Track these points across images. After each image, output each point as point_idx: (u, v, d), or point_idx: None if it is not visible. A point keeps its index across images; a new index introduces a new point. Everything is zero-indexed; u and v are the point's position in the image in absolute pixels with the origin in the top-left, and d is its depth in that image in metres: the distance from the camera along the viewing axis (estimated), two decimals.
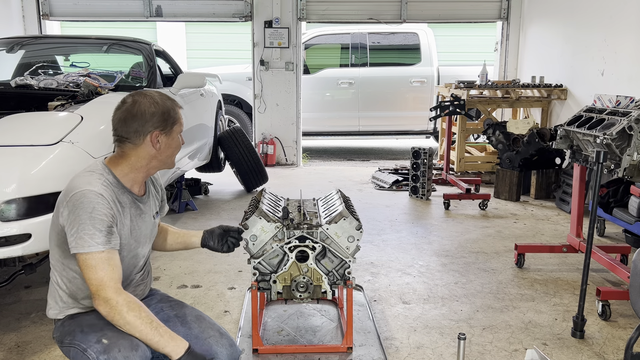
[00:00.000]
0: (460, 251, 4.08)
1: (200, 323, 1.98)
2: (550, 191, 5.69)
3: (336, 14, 7.49)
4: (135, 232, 1.91)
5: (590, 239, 2.78)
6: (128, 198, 1.88)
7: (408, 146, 6.47)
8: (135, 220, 1.90)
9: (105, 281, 1.71)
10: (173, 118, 1.88)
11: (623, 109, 3.17)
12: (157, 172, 2.00)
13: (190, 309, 2.06)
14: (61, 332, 1.87)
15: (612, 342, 2.74)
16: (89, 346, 1.71)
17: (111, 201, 1.79)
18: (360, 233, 2.48)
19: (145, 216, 1.96)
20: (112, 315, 1.70)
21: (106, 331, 1.73)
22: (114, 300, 1.70)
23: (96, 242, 1.71)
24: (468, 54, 10.84)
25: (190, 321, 1.98)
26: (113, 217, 1.77)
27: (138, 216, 1.92)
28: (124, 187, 1.87)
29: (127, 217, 1.86)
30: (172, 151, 1.92)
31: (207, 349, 1.91)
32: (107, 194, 1.78)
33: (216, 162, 5.97)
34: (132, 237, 1.89)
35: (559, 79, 6.39)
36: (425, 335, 2.80)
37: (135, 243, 1.92)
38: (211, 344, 1.93)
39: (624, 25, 5.11)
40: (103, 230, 1.73)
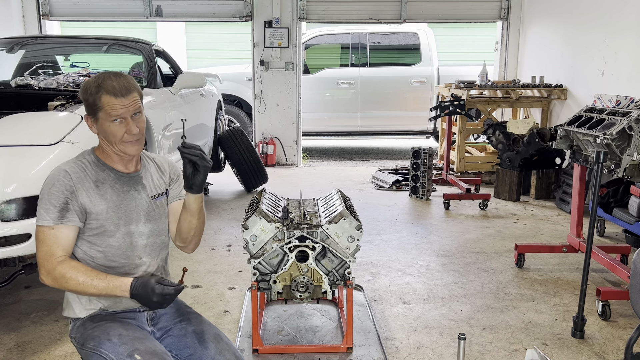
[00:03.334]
0: (460, 251, 4.08)
1: (218, 344, 1.92)
2: (550, 191, 5.69)
3: (336, 14, 7.49)
4: (122, 208, 1.91)
5: (590, 239, 2.78)
6: (110, 175, 1.90)
7: (408, 146, 6.47)
8: (121, 196, 1.91)
9: (49, 254, 1.79)
10: (94, 106, 1.82)
11: (623, 109, 3.17)
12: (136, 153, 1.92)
13: (208, 325, 1.99)
14: (82, 334, 1.86)
15: (612, 342, 2.74)
16: (120, 359, 1.73)
17: (77, 178, 1.83)
18: (360, 233, 2.48)
19: (136, 193, 1.95)
20: (56, 281, 1.79)
21: (138, 345, 1.75)
22: (57, 269, 1.78)
23: (49, 217, 1.78)
24: (468, 54, 10.84)
25: (208, 339, 1.93)
26: (73, 193, 1.81)
27: (125, 192, 1.92)
28: (104, 164, 1.91)
29: (106, 192, 1.88)
30: (111, 137, 1.84)
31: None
32: (74, 171, 1.84)
33: (216, 162, 5.97)
34: (118, 212, 1.89)
35: (559, 79, 6.40)
36: (425, 335, 2.80)
37: (125, 218, 1.91)
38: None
39: (624, 25, 5.11)
40: (57, 206, 1.79)
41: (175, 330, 1.95)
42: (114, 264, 1.90)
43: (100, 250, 1.89)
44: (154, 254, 2.01)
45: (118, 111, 1.81)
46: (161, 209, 2.04)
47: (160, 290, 1.75)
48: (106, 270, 1.87)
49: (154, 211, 2.00)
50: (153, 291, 1.74)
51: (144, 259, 1.97)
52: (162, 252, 2.06)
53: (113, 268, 1.89)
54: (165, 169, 2.10)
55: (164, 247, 2.07)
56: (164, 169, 2.09)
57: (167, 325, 1.99)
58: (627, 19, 5.05)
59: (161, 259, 2.05)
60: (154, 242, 2.00)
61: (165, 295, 1.75)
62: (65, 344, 2.67)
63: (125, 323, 1.88)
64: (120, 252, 1.91)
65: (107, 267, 1.89)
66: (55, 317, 2.95)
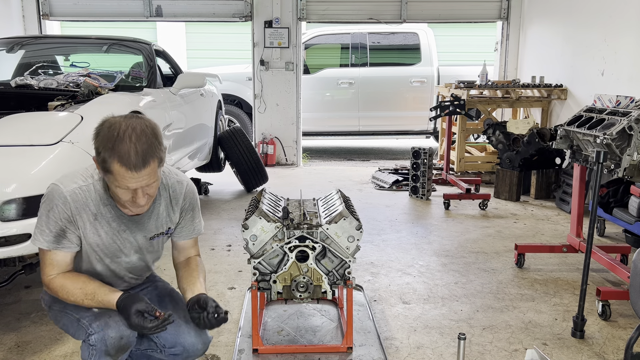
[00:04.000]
0: (460, 251, 4.08)
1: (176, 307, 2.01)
2: (550, 191, 5.69)
3: (336, 14, 7.49)
4: (112, 247, 1.89)
5: (590, 239, 2.78)
6: (110, 212, 1.83)
7: (408, 146, 6.47)
8: (118, 234, 1.87)
9: (47, 274, 1.82)
10: (104, 163, 1.67)
11: (623, 109, 3.17)
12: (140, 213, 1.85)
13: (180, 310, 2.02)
14: (51, 297, 1.92)
15: (612, 342, 2.74)
16: (82, 316, 1.81)
17: (77, 207, 1.78)
18: (360, 233, 2.48)
19: (132, 236, 1.90)
20: (51, 292, 1.83)
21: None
22: (51, 285, 1.82)
23: (44, 239, 1.79)
24: (468, 54, 10.84)
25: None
26: (71, 221, 1.78)
27: (120, 232, 1.87)
28: (108, 199, 1.82)
29: (102, 227, 1.84)
30: (114, 196, 1.77)
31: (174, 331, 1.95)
32: (75, 199, 1.77)
33: (216, 162, 5.97)
34: (105, 250, 1.88)
35: (559, 79, 6.40)
36: (425, 335, 2.80)
37: (112, 256, 1.91)
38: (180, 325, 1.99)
39: (624, 25, 5.11)
40: (53, 231, 1.78)
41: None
42: (101, 276, 1.95)
43: (84, 266, 1.92)
44: (137, 272, 2.05)
45: (129, 183, 1.68)
46: (156, 246, 2.02)
47: (137, 322, 1.72)
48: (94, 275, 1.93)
49: (147, 248, 1.98)
50: (128, 318, 1.73)
51: (126, 277, 2.02)
52: (149, 269, 2.12)
53: (101, 278, 1.94)
54: (178, 201, 1.97)
55: (152, 263, 2.10)
56: (177, 202, 1.97)
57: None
58: (627, 19, 5.05)
59: (149, 267, 2.10)
60: (140, 264, 2.01)
61: (142, 327, 1.72)
62: (66, 344, 2.67)
63: None
64: (104, 274, 1.95)
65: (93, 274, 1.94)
66: None
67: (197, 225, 2.08)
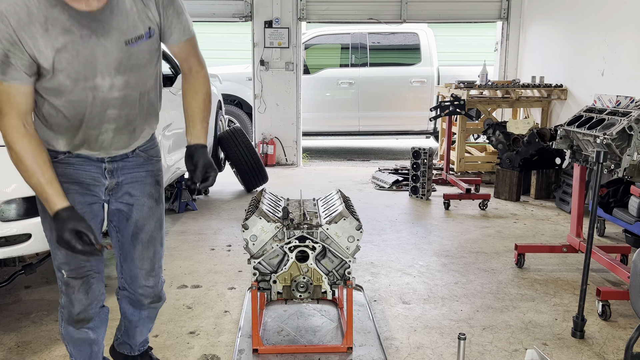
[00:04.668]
0: (460, 251, 4.08)
1: (146, 249, 1.98)
2: (550, 191, 5.69)
3: (336, 14, 7.49)
4: (80, 59, 1.57)
5: (590, 239, 2.78)
6: (63, 13, 1.51)
7: (408, 146, 6.47)
8: (79, 43, 1.55)
9: (8, 126, 1.58)
10: None
11: (623, 109, 3.17)
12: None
13: (153, 228, 1.98)
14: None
15: (612, 342, 2.74)
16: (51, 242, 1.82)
17: (18, 22, 1.46)
18: (361, 233, 2.48)
19: (103, 39, 1.58)
20: (12, 158, 1.63)
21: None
22: (16, 147, 1.59)
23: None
24: (468, 54, 10.84)
25: (140, 239, 1.97)
26: (14, 43, 1.47)
27: (85, 37, 1.55)
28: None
29: (59, 36, 1.52)
30: None
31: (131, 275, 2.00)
32: (13, 12, 1.46)
33: (216, 162, 5.97)
34: (74, 64, 1.57)
35: (559, 79, 6.40)
36: (425, 335, 2.80)
37: (86, 72, 1.59)
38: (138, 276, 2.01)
39: (623, 26, 5.11)
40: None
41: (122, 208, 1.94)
42: (77, 119, 1.69)
43: (60, 105, 1.65)
44: (128, 106, 1.74)
45: None
46: (141, 57, 1.68)
47: (67, 239, 1.60)
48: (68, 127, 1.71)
49: (128, 60, 1.65)
50: (61, 232, 1.61)
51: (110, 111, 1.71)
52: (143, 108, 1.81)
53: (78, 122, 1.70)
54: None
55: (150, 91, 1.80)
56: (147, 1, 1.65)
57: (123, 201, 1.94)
58: (627, 19, 5.05)
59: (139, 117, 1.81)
60: (130, 92, 1.71)
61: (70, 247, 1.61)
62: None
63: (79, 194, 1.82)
64: (81, 107, 1.66)
65: (70, 123, 1.70)
66: (55, 317, 2.95)
67: (186, 24, 1.78)
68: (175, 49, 1.82)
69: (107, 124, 1.74)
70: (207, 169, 1.83)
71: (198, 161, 1.82)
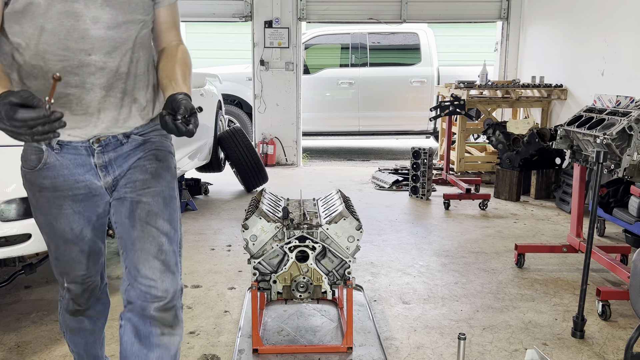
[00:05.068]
0: (460, 251, 4.08)
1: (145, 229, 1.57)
2: (550, 191, 5.69)
3: (336, 14, 7.50)
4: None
5: (590, 239, 2.78)
6: None
7: (408, 146, 6.47)
8: None
9: None
10: None
11: (623, 109, 3.17)
12: None
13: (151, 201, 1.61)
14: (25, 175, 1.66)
15: (612, 342, 2.74)
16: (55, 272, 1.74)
17: None
18: (360, 233, 2.48)
19: None
20: None
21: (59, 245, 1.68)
22: None
23: None
24: (468, 54, 10.84)
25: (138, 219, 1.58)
26: None
27: None
28: None
29: None
30: None
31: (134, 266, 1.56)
32: None
33: (216, 162, 5.97)
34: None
35: (559, 79, 6.40)
36: (425, 335, 2.80)
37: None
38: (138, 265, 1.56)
39: (624, 25, 5.11)
40: None
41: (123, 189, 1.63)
42: (48, 59, 1.43)
43: (30, 36, 1.40)
44: (116, 55, 1.49)
45: None
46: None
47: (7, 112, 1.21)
48: (35, 72, 1.45)
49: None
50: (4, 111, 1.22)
51: (94, 57, 1.44)
52: (136, 70, 1.56)
53: (47, 64, 1.43)
54: None
55: (139, 50, 1.56)
56: None
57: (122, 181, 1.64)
58: (627, 19, 5.05)
59: (132, 79, 1.56)
60: (117, 36, 1.48)
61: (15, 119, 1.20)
62: (65, 344, 2.67)
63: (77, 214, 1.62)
64: (57, 40, 1.40)
65: (36, 66, 1.44)
66: (55, 317, 2.95)
67: None
68: (163, 12, 1.63)
69: (92, 75, 1.47)
70: (189, 112, 1.44)
71: (179, 104, 1.44)
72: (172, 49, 1.67)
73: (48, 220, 1.66)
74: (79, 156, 1.58)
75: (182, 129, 1.41)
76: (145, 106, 1.64)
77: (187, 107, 1.43)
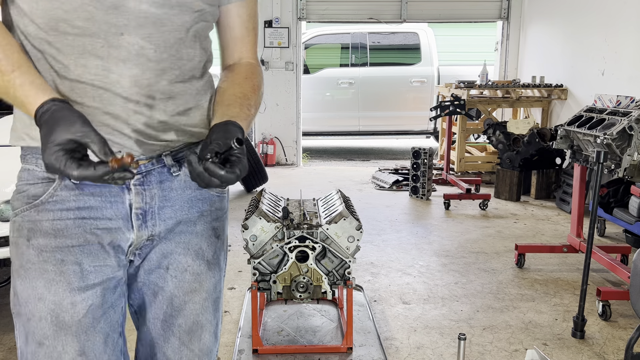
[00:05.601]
0: (460, 251, 4.08)
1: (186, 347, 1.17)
2: (550, 191, 5.69)
3: (336, 14, 7.49)
4: None
5: (590, 239, 2.77)
6: None
7: (408, 146, 6.47)
8: None
9: None
10: None
11: (623, 109, 3.17)
12: None
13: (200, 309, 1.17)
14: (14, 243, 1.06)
15: (613, 342, 2.74)
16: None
17: None
18: (360, 233, 2.48)
19: None
20: None
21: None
22: None
23: None
24: (468, 54, 10.84)
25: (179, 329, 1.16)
26: None
27: None
28: None
29: None
30: None
31: None
32: None
33: None
34: None
35: (560, 79, 6.39)
36: (426, 335, 2.80)
37: None
38: None
39: (624, 25, 5.11)
40: None
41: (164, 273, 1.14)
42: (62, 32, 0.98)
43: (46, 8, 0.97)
44: (160, 43, 1.03)
45: None
46: None
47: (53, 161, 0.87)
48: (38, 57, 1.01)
49: None
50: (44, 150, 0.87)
51: (128, 38, 1.00)
52: (186, 55, 1.08)
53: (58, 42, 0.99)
54: None
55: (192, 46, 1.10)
56: None
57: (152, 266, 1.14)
58: (628, 19, 5.05)
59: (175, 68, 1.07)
60: (166, 18, 1.03)
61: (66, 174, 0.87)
62: None
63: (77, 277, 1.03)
64: (78, 4, 0.96)
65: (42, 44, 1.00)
66: None
67: None
68: (235, 9, 1.20)
69: (122, 63, 1.01)
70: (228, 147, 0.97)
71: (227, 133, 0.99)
72: (242, 68, 1.20)
73: (34, 290, 1.02)
74: (106, 188, 1.06)
75: (215, 173, 0.93)
76: (197, 115, 1.13)
77: (229, 140, 0.97)
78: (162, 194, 1.11)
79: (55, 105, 0.91)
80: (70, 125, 0.89)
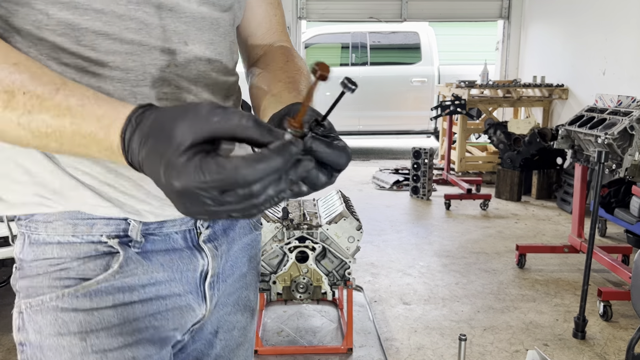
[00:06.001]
0: (461, 251, 4.07)
1: None
2: (551, 191, 5.68)
3: (336, 13, 7.48)
4: None
5: (591, 240, 2.76)
6: None
7: (409, 146, 6.46)
8: None
9: None
10: None
11: (624, 109, 3.16)
12: None
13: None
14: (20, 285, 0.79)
15: (614, 342, 2.73)
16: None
17: None
18: (361, 233, 2.47)
19: None
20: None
21: None
22: None
23: None
24: (469, 53, 10.83)
25: None
26: None
27: None
28: None
29: None
30: None
31: None
32: None
33: None
34: None
35: (560, 79, 6.38)
36: (426, 336, 2.79)
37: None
38: None
39: (625, 25, 5.10)
40: None
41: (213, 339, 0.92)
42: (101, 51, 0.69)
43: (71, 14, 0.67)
44: (221, 50, 0.82)
45: None
46: None
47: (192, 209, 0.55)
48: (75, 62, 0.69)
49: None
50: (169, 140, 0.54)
51: (193, 48, 0.76)
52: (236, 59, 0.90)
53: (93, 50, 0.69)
54: None
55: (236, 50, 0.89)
56: None
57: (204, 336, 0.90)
58: (628, 18, 5.04)
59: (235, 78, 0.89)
60: (218, 16, 0.80)
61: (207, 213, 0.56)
62: None
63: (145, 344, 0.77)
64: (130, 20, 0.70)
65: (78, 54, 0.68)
66: None
67: None
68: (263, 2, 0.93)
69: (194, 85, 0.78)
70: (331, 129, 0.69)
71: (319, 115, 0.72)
72: (278, 52, 0.95)
73: None
74: (176, 253, 0.79)
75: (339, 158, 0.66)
76: None
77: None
78: (227, 247, 0.85)
79: (149, 110, 0.58)
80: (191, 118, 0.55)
